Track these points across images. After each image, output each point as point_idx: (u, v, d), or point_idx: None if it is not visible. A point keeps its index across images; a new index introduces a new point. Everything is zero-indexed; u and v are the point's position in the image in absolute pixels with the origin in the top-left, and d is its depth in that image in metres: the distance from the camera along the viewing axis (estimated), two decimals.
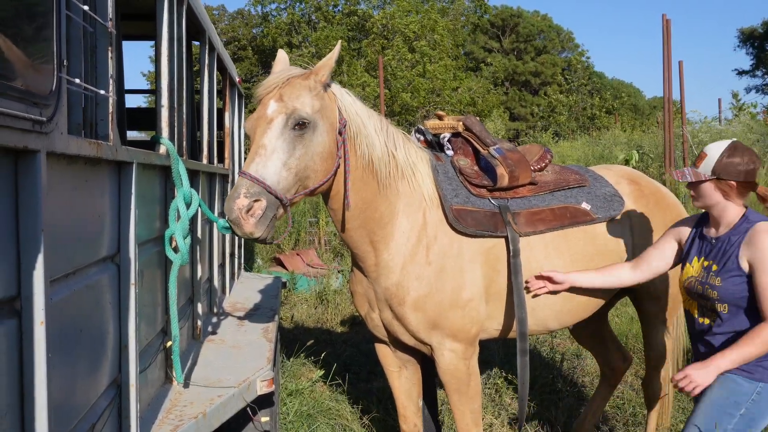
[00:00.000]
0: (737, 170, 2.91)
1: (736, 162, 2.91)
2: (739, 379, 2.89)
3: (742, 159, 2.92)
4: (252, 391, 3.38)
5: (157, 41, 3.31)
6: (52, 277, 1.77)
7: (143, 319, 2.86)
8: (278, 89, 3.02)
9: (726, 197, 2.97)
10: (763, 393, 2.88)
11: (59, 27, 1.74)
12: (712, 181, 2.97)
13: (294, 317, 8.23)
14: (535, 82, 45.00)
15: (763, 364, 2.87)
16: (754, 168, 2.93)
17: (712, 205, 3.02)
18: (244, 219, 2.82)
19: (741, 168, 2.91)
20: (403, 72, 25.30)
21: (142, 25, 5.76)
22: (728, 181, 2.93)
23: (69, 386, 1.96)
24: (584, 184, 3.85)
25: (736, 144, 2.97)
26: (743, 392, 2.88)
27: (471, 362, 3.54)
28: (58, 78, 1.72)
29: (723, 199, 2.98)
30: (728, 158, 2.92)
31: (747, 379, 2.88)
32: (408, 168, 3.44)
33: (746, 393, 2.88)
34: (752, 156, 2.94)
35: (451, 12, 33.31)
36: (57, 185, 1.83)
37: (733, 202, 2.98)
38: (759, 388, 2.87)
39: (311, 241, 12.92)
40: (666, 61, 12.55)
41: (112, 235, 2.41)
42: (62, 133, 1.76)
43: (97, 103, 2.32)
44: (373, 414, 5.01)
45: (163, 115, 3.26)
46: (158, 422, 2.84)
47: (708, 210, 3.08)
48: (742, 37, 44.41)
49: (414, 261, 3.39)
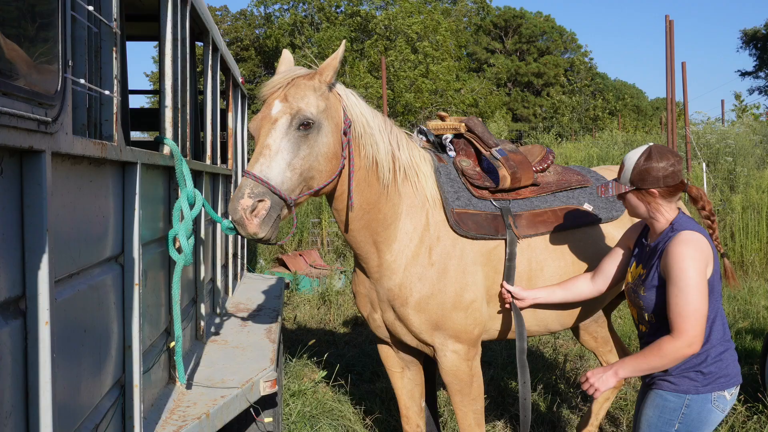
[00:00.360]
0: (655, 177, 2.79)
1: (652, 168, 2.79)
2: (666, 395, 2.81)
3: (658, 164, 2.79)
4: (255, 391, 3.38)
5: (160, 42, 3.32)
6: (56, 277, 1.77)
7: (147, 319, 2.86)
8: (283, 89, 3.02)
9: (651, 205, 2.85)
10: (692, 405, 2.78)
11: (64, 27, 1.74)
12: (633, 192, 2.87)
13: (297, 318, 8.23)
14: (538, 83, 45.01)
15: (689, 375, 2.78)
16: (673, 171, 2.80)
17: (641, 215, 2.92)
18: (248, 219, 2.81)
19: (658, 174, 2.79)
20: (405, 72, 25.32)
21: (146, 26, 5.77)
22: (648, 190, 2.82)
23: (73, 386, 1.96)
24: (586, 185, 3.84)
25: (651, 149, 2.84)
26: (672, 408, 2.80)
27: (474, 363, 3.54)
28: (63, 78, 1.72)
29: (649, 207, 2.86)
30: (644, 166, 2.80)
31: (674, 393, 2.80)
32: (411, 169, 3.43)
33: (675, 408, 2.79)
34: (670, 159, 2.81)
35: (454, 13, 33.29)
36: (62, 185, 1.83)
37: (662, 208, 2.85)
38: (687, 400, 2.78)
39: (314, 241, 12.93)
40: (669, 62, 12.54)
41: (117, 235, 2.41)
42: (67, 133, 1.77)
43: (101, 104, 2.32)
44: (376, 415, 5.01)
45: (167, 116, 3.26)
46: (162, 423, 2.84)
47: (641, 218, 2.98)
48: (745, 39, 44.38)
49: (417, 262, 3.39)
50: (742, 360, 6.07)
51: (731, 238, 11.26)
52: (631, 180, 2.85)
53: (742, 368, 5.78)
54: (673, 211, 2.87)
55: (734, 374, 2.84)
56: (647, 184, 2.81)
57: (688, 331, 2.65)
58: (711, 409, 2.79)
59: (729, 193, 12.44)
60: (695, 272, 2.66)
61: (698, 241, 2.73)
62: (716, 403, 2.79)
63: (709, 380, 2.78)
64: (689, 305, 2.65)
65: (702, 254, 2.70)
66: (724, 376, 2.80)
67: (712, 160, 13.69)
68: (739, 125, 15.51)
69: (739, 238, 11.13)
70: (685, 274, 2.66)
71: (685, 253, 2.69)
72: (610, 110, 38.24)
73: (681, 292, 2.67)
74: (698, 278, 2.65)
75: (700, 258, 2.69)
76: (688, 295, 2.65)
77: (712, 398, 2.78)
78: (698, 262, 2.67)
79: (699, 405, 2.78)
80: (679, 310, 2.67)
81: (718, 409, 2.80)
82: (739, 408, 4.92)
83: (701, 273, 2.67)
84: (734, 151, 13.66)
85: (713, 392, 2.78)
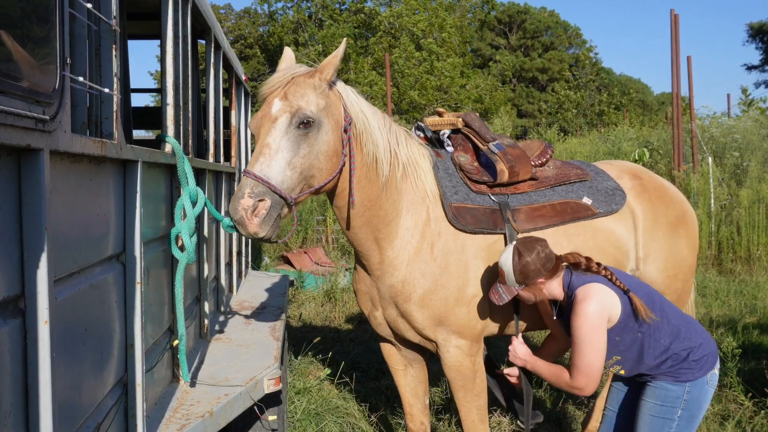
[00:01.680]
0: (535, 269, 3.01)
1: (528, 264, 3.01)
2: (667, 385, 3.02)
3: (530, 257, 3.01)
4: (259, 389, 3.38)
5: (162, 40, 3.31)
6: (56, 276, 1.76)
7: (150, 317, 2.86)
8: (283, 88, 3.01)
9: (543, 290, 3.09)
10: (693, 390, 3.01)
11: (62, 25, 1.73)
12: (525, 290, 3.09)
13: (302, 316, 8.23)
14: (543, 78, 44.87)
15: (684, 366, 3.01)
16: (545, 255, 3.03)
17: (541, 300, 3.18)
18: (249, 219, 2.81)
19: (537, 265, 3.01)
20: (410, 70, 25.28)
21: (149, 25, 5.76)
22: (536, 282, 3.05)
23: (74, 385, 1.96)
24: (586, 178, 3.81)
25: (516, 247, 3.07)
26: (674, 396, 3.00)
27: (477, 359, 3.53)
28: (62, 76, 1.72)
29: (545, 292, 3.10)
30: (519, 265, 3.02)
31: (674, 383, 3.01)
32: (410, 165, 3.43)
33: (677, 396, 3.00)
34: (535, 248, 3.03)
35: (458, 9, 33.21)
36: (61, 184, 1.83)
37: (554, 286, 3.09)
38: (687, 387, 3.00)
39: (319, 239, 12.94)
40: (674, 56, 12.49)
41: (118, 233, 2.40)
42: (66, 131, 1.76)
43: (101, 102, 2.31)
44: (381, 412, 5.00)
45: (169, 114, 3.26)
46: (165, 421, 2.83)
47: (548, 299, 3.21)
48: (751, 32, 44.10)
49: (419, 257, 3.38)
50: (749, 355, 6.05)
51: (738, 232, 11.21)
52: (518, 282, 3.07)
53: (748, 364, 5.80)
54: (561, 281, 3.10)
55: (714, 350, 3.11)
56: (531, 279, 3.04)
57: (579, 380, 2.98)
58: (707, 389, 3.05)
59: (736, 187, 12.38)
60: (586, 329, 2.92)
61: (591, 293, 2.97)
62: (711, 382, 3.07)
63: (701, 364, 3.03)
64: (582, 359, 2.95)
65: (599, 305, 2.95)
66: (708, 354, 3.06)
67: (719, 155, 13.63)
68: (746, 119, 15.42)
69: (746, 233, 11.08)
70: (578, 331, 2.94)
71: (579, 312, 2.95)
72: (615, 105, 38.09)
73: (575, 347, 2.97)
74: (590, 335, 2.92)
75: (596, 311, 2.93)
76: (580, 350, 2.95)
77: (707, 379, 3.04)
78: (591, 317, 2.92)
79: (698, 389, 3.03)
80: (574, 362, 2.98)
81: (712, 387, 3.08)
82: (746, 403, 4.90)
83: (595, 328, 2.92)
84: (741, 145, 13.59)
85: (707, 373, 3.03)
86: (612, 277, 3.03)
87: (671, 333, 3.02)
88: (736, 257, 11.05)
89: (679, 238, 3.90)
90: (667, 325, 3.03)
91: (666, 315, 3.06)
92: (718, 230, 11.38)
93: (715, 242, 11.32)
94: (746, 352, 6.06)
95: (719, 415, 4.87)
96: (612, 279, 3.03)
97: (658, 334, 3.01)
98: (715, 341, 6.02)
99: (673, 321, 3.06)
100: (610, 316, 2.96)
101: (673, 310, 3.15)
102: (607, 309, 2.95)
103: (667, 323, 3.04)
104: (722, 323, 7.33)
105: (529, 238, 3.13)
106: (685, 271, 3.96)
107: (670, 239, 3.83)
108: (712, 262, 11.12)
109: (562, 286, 3.10)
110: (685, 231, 3.97)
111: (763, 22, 42.46)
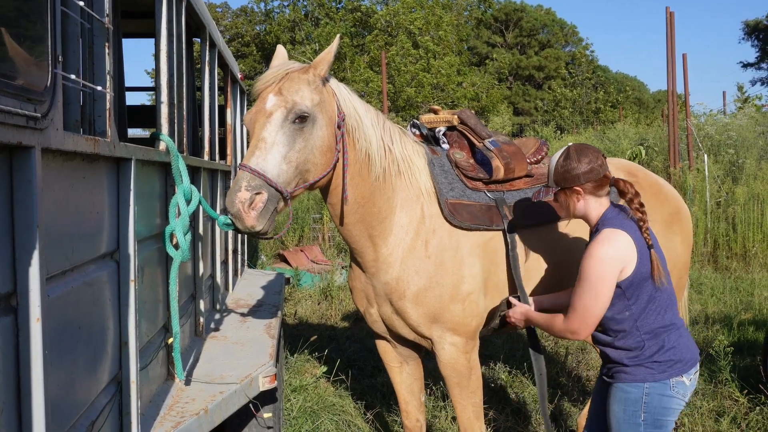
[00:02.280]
0: (575, 175, 2.88)
1: (571, 168, 2.89)
2: (625, 387, 2.87)
3: (578, 163, 2.88)
4: (254, 387, 3.38)
5: (156, 38, 3.31)
6: (48, 273, 1.76)
7: (145, 315, 2.86)
8: (277, 83, 3.01)
9: (580, 202, 2.95)
10: (652, 393, 2.83)
11: (54, 23, 1.73)
12: (561, 192, 2.98)
13: (298, 313, 8.24)
14: (539, 76, 44.92)
15: (644, 365, 2.84)
16: (591, 168, 2.88)
17: (575, 214, 3.01)
18: (246, 212, 2.81)
19: (578, 172, 2.88)
20: (407, 68, 25.27)
21: (144, 23, 5.75)
22: (573, 188, 2.91)
23: (67, 383, 1.96)
24: None
25: (569, 149, 2.95)
26: (634, 399, 2.85)
27: (472, 356, 3.53)
28: (53, 74, 1.71)
29: (577, 204, 2.96)
30: (563, 166, 2.91)
31: (632, 384, 2.85)
32: (404, 162, 3.43)
33: (637, 399, 2.84)
34: (588, 155, 2.90)
35: (455, 7, 33.21)
36: (53, 181, 1.83)
37: (590, 205, 2.94)
38: (645, 388, 2.83)
39: (315, 237, 12.93)
40: (669, 54, 12.51)
41: (111, 231, 2.40)
42: (58, 129, 1.76)
43: (94, 100, 2.31)
44: (377, 410, 5.01)
45: (163, 112, 3.26)
46: (160, 419, 2.84)
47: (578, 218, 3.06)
48: (747, 30, 44.18)
49: (413, 255, 3.38)
50: (744, 352, 6.07)
51: (733, 229, 11.23)
52: (555, 181, 2.97)
53: (743, 360, 5.82)
54: (602, 206, 2.94)
55: (689, 358, 2.88)
56: (569, 183, 2.91)
57: (573, 322, 2.85)
58: (671, 395, 2.83)
59: (732, 184, 12.41)
60: (596, 273, 2.77)
61: (614, 240, 2.81)
62: (675, 389, 2.84)
63: (664, 367, 2.83)
64: (580, 300, 2.81)
65: (615, 254, 2.78)
66: (679, 361, 2.84)
67: (714, 152, 13.65)
68: (741, 116, 15.45)
69: (742, 230, 11.10)
70: (586, 272, 2.80)
71: (593, 252, 2.80)
72: (611, 103, 38.11)
73: (578, 286, 2.83)
74: (597, 280, 2.77)
75: (611, 259, 2.78)
76: (583, 291, 2.80)
77: (671, 385, 2.83)
78: (605, 263, 2.77)
79: (659, 392, 2.83)
80: (573, 301, 2.84)
81: (678, 395, 2.84)
82: (741, 400, 4.92)
83: (605, 275, 2.77)
84: (736, 143, 13.62)
85: (671, 378, 2.83)
86: (644, 227, 2.88)
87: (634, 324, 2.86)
88: (732, 254, 11.07)
89: (674, 234, 3.92)
90: (652, 314, 2.86)
91: (659, 304, 2.88)
92: (714, 227, 11.41)
93: (711, 239, 11.34)
94: (741, 349, 6.08)
95: (714, 411, 4.89)
96: (643, 229, 2.88)
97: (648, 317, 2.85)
98: (709, 339, 6.04)
99: (652, 315, 2.87)
100: (624, 268, 2.80)
101: (669, 304, 2.96)
102: (622, 260, 2.79)
103: (656, 310, 2.87)
104: (718, 320, 7.35)
105: (585, 146, 2.97)
106: (679, 268, 3.98)
107: (665, 236, 3.84)
108: (708, 259, 11.15)
109: (600, 213, 2.93)
110: (679, 228, 3.98)
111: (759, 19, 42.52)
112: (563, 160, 2.92)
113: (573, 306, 2.85)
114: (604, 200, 2.95)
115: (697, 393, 5.18)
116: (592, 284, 2.78)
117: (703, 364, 5.66)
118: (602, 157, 2.94)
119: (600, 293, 2.78)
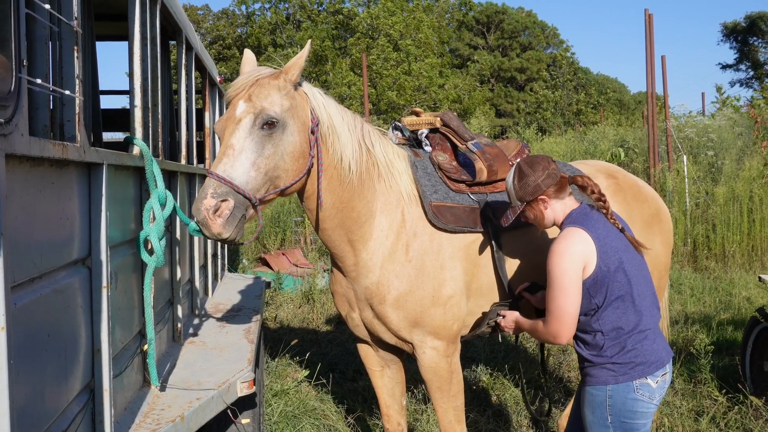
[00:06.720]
0: (536, 185, 2.96)
1: (529, 180, 2.97)
2: (591, 390, 2.89)
3: (534, 174, 2.96)
4: (232, 393, 3.35)
5: (129, 41, 3.27)
6: (14, 281, 1.73)
7: (119, 322, 2.82)
8: (247, 90, 2.99)
9: (547, 210, 3.02)
10: (615, 395, 2.83)
11: (18, 26, 1.70)
12: (528, 207, 3.04)
13: (279, 317, 8.19)
14: (521, 78, 45.11)
15: (606, 367, 2.84)
16: (548, 173, 2.96)
17: (547, 224, 3.07)
18: (211, 219, 2.77)
19: (537, 181, 2.95)
20: (388, 71, 25.29)
21: (119, 26, 5.69)
22: (538, 198, 2.99)
23: (36, 392, 1.92)
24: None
25: (519, 165, 3.04)
26: (599, 402, 2.86)
27: (453, 359, 3.52)
28: (17, 78, 1.68)
29: (548, 213, 3.02)
30: (519, 182, 2.99)
31: (595, 386, 2.87)
32: (384, 166, 3.41)
33: (601, 402, 2.86)
34: (539, 164, 2.98)
35: (436, 9, 33.29)
36: (19, 188, 1.79)
37: (557, 209, 3.01)
38: (608, 391, 2.84)
39: (297, 240, 12.89)
40: (649, 56, 12.60)
41: (83, 237, 2.37)
42: (23, 134, 1.72)
43: (63, 104, 2.28)
44: (358, 413, 4.99)
45: (137, 116, 3.22)
46: (135, 426, 2.80)
47: (549, 227, 3.13)
48: (726, 32, 44.67)
49: (393, 259, 3.37)
50: (723, 351, 6.11)
51: (713, 230, 11.32)
52: (519, 199, 3.03)
53: (722, 360, 5.86)
54: (567, 207, 3.02)
55: (655, 360, 2.85)
56: (532, 194, 2.98)
57: (552, 325, 2.87)
58: (636, 397, 2.82)
59: (711, 185, 12.50)
60: (559, 269, 2.81)
61: (569, 236, 2.86)
62: (640, 391, 2.81)
63: (625, 369, 2.82)
64: (553, 302, 2.84)
65: (573, 248, 2.82)
66: (642, 363, 2.82)
67: (694, 153, 13.75)
68: (720, 117, 15.57)
69: (721, 230, 11.19)
70: (550, 271, 2.84)
71: (552, 250, 2.86)
72: (593, 104, 38.36)
73: (548, 290, 2.87)
74: (563, 276, 2.80)
75: (569, 253, 2.80)
76: (552, 291, 2.84)
77: (634, 387, 2.81)
78: (564, 257, 2.80)
79: (622, 394, 2.82)
80: (547, 305, 2.88)
81: (644, 397, 2.82)
82: (720, 399, 4.95)
83: (568, 271, 2.80)
84: (716, 145, 13.73)
85: (633, 380, 2.81)
86: (607, 214, 2.95)
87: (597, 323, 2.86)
88: (711, 254, 11.16)
89: (654, 235, 3.93)
90: (611, 313, 2.84)
91: (626, 302, 2.85)
92: (694, 228, 11.49)
93: (691, 240, 11.43)
94: (720, 349, 6.12)
95: (694, 410, 4.91)
96: (608, 215, 2.94)
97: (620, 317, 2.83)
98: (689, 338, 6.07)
99: (612, 314, 2.84)
100: (586, 265, 2.81)
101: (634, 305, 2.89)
102: (582, 255, 2.80)
103: (622, 309, 2.84)
104: (697, 320, 7.40)
105: (533, 156, 3.07)
106: (659, 269, 4.00)
107: (645, 237, 3.85)
108: (688, 260, 11.23)
109: (565, 214, 3.00)
110: (659, 228, 4.00)
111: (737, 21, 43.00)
112: (519, 178, 3.00)
113: (548, 309, 2.89)
114: (568, 200, 3.03)
115: (677, 393, 5.21)
116: (559, 281, 2.81)
117: (683, 363, 5.69)
118: (552, 162, 3.03)
119: (568, 289, 2.80)
